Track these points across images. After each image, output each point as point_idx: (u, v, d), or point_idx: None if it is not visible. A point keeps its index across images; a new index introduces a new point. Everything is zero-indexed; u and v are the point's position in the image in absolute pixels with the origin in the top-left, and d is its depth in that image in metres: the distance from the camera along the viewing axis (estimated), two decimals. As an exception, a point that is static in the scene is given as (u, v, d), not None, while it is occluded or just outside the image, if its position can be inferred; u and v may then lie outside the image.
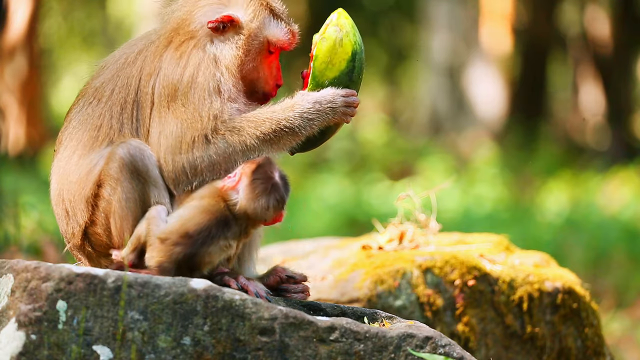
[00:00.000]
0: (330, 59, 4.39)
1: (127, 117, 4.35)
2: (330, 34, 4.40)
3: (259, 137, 4.27)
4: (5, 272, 3.93)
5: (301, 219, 13.88)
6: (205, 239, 4.08)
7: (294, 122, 4.29)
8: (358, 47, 4.43)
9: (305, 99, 4.34)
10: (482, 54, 22.08)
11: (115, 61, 4.46)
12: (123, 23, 30.57)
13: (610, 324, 9.03)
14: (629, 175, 17.49)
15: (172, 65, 4.33)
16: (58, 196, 4.39)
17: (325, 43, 4.40)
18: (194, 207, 4.14)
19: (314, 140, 4.41)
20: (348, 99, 4.36)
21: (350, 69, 4.41)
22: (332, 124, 4.37)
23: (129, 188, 4.22)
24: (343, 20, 4.44)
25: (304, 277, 4.47)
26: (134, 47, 4.48)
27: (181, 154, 4.26)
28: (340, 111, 4.35)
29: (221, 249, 4.12)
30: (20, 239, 7.70)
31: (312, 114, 4.31)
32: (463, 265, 5.28)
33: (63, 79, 31.71)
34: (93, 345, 3.84)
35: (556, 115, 26.20)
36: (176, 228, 4.08)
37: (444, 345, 4.11)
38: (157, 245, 4.07)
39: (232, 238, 4.14)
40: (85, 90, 4.47)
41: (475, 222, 13.29)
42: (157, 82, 4.33)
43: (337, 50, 4.39)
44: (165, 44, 4.40)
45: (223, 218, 4.12)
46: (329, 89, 4.37)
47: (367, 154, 21.07)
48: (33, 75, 16.92)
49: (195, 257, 4.07)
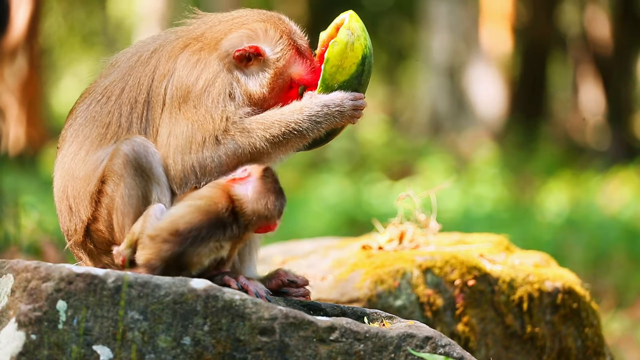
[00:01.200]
0: (341, 63, 4.41)
1: (137, 116, 4.35)
2: (341, 37, 4.41)
3: (268, 140, 4.28)
4: (5, 272, 3.93)
5: (301, 219, 13.88)
6: (195, 238, 4.05)
7: (302, 125, 4.31)
8: (368, 50, 4.45)
9: (314, 101, 4.36)
10: (482, 54, 22.09)
11: (128, 59, 4.46)
12: (123, 23, 30.58)
13: (610, 324, 9.03)
14: (629, 175, 17.49)
15: (187, 68, 4.34)
16: (62, 192, 4.39)
17: (337, 47, 4.41)
18: (188, 206, 4.12)
19: (319, 141, 4.44)
20: (356, 102, 4.39)
21: (359, 73, 4.43)
22: (339, 126, 4.40)
23: (132, 184, 4.23)
24: (354, 23, 4.45)
25: (305, 282, 4.47)
26: (149, 45, 4.48)
27: (191, 153, 4.27)
28: (348, 114, 4.37)
29: (211, 251, 4.09)
30: (20, 239, 7.70)
31: (320, 117, 4.33)
32: (463, 265, 5.28)
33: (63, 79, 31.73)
34: (93, 345, 3.84)
35: (556, 115, 26.21)
36: (166, 225, 4.07)
37: (444, 345, 4.11)
38: (147, 242, 4.06)
39: (224, 240, 4.13)
40: (94, 88, 4.47)
41: (475, 222, 13.29)
42: (170, 84, 4.34)
43: (347, 54, 4.41)
44: (181, 47, 4.41)
45: (217, 220, 4.10)
46: (338, 93, 4.39)
47: (367, 154, 21.07)
48: (33, 75, 16.92)
49: (184, 257, 4.05)
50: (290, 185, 15.92)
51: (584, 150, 22.51)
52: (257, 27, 4.44)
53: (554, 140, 22.14)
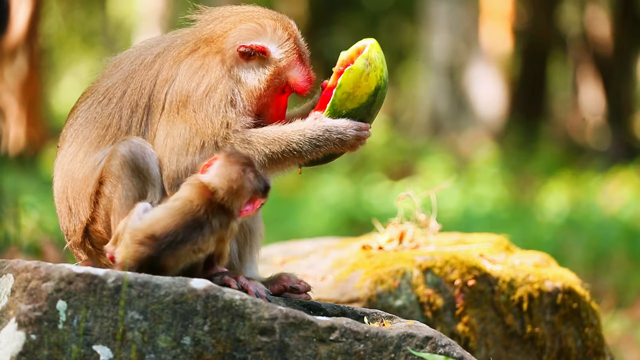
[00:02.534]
0: (353, 91, 4.38)
1: (137, 120, 4.35)
2: (358, 66, 4.39)
3: (267, 155, 4.28)
4: (5, 272, 3.93)
5: (301, 219, 13.88)
6: (170, 244, 4.02)
7: (302, 146, 4.30)
8: (383, 82, 4.42)
9: (318, 124, 4.34)
10: (482, 54, 22.09)
11: (131, 62, 4.45)
12: (123, 23, 30.58)
13: (610, 324, 9.03)
14: (629, 175, 17.49)
15: (189, 74, 4.34)
16: (62, 193, 4.39)
17: (352, 74, 4.38)
18: (165, 208, 4.09)
19: (317, 162, 4.43)
20: (360, 133, 4.37)
21: (370, 103, 4.41)
22: (339, 152, 4.39)
23: (130, 185, 4.23)
24: (375, 54, 4.42)
25: (307, 288, 4.45)
26: (153, 49, 4.47)
27: (187, 155, 4.26)
28: (350, 143, 4.37)
29: (188, 254, 4.06)
30: (20, 239, 7.71)
31: (321, 142, 4.32)
32: (463, 265, 5.28)
33: (63, 79, 31.72)
34: (93, 345, 3.84)
35: (556, 115, 26.21)
36: (144, 227, 4.05)
37: (444, 345, 4.11)
38: (126, 241, 4.05)
39: (203, 242, 4.08)
40: (96, 88, 4.46)
41: (475, 222, 13.29)
42: (170, 89, 4.33)
43: (361, 84, 4.38)
44: (187, 52, 4.40)
45: (194, 220, 4.07)
46: (343, 120, 4.37)
47: (367, 154, 21.07)
48: (33, 75, 16.92)
49: (159, 260, 4.03)
50: (290, 185, 15.93)
51: (584, 150, 22.51)
52: (267, 23, 4.43)
53: (554, 140, 22.14)
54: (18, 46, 16.54)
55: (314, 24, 26.44)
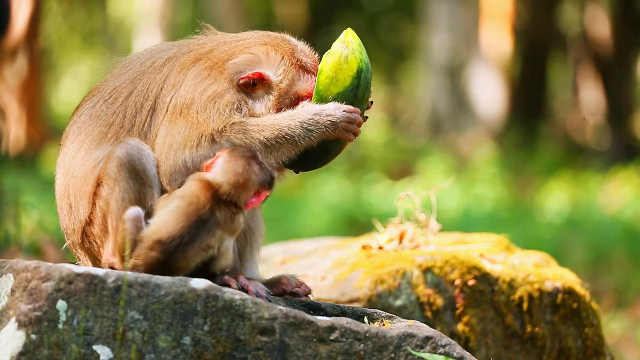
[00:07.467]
0: (335, 74, 4.39)
1: (140, 121, 4.36)
2: (335, 49, 4.42)
3: (262, 142, 4.29)
4: (5, 272, 3.93)
5: (301, 219, 13.88)
6: (177, 246, 4.05)
7: (294, 131, 4.31)
8: (364, 65, 4.43)
9: (306, 109, 4.36)
10: (482, 54, 22.09)
11: (141, 63, 4.47)
12: (123, 23, 30.59)
13: (610, 324, 9.03)
14: (629, 175, 17.49)
15: (196, 80, 4.36)
16: (64, 190, 4.40)
17: (330, 58, 4.40)
18: (169, 211, 4.11)
19: (318, 158, 4.43)
20: (350, 115, 4.36)
21: (355, 86, 4.41)
22: (332, 138, 4.37)
23: (127, 188, 4.23)
24: (350, 38, 4.44)
25: (307, 292, 4.46)
26: (163, 53, 4.49)
27: (184, 150, 4.27)
28: (342, 126, 4.35)
29: (197, 253, 4.08)
30: (20, 239, 7.71)
31: (312, 125, 4.33)
32: (463, 265, 5.28)
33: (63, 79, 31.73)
34: (93, 345, 3.84)
35: (556, 115, 26.21)
36: (150, 234, 4.08)
37: (444, 345, 4.11)
38: (136, 247, 4.07)
39: (210, 238, 4.10)
40: (102, 87, 4.48)
41: (475, 222, 13.29)
42: (176, 94, 4.36)
43: (342, 66, 4.39)
44: (193, 60, 4.43)
45: (199, 219, 4.09)
46: (331, 103, 4.38)
47: (367, 154, 21.07)
48: (33, 75, 16.90)
49: (169, 262, 4.05)
50: (290, 185, 15.93)
51: (584, 150, 22.51)
52: (259, 50, 4.46)
53: (554, 140, 22.14)
54: (18, 46, 16.54)
55: (314, 24, 26.44)
